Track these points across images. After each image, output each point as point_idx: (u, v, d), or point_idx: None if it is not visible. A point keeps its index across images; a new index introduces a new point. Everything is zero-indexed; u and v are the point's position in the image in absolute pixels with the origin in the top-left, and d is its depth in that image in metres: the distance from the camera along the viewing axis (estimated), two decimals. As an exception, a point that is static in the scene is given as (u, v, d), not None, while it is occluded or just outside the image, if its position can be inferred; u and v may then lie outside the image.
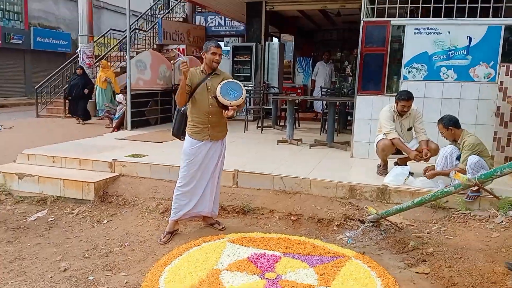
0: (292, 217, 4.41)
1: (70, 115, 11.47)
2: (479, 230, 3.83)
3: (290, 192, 4.74)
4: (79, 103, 10.96)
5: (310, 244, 3.85)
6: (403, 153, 4.90)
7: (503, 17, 5.49)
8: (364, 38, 5.86)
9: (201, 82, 3.85)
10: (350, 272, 3.32)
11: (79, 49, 12.50)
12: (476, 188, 3.95)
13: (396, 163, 5.16)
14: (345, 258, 3.57)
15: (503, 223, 3.85)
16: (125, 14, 8.76)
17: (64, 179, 5.05)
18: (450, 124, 4.27)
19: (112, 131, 8.61)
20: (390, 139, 4.77)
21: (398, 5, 5.75)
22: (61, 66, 13.72)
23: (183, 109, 4.03)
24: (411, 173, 4.80)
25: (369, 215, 4.15)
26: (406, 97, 4.76)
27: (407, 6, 5.89)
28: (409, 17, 5.77)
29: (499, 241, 3.59)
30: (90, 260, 3.62)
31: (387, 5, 5.78)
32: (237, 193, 4.83)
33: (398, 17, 5.78)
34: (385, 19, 5.80)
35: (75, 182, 5.00)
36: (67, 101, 11.65)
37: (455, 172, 3.21)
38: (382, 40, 5.81)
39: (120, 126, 8.76)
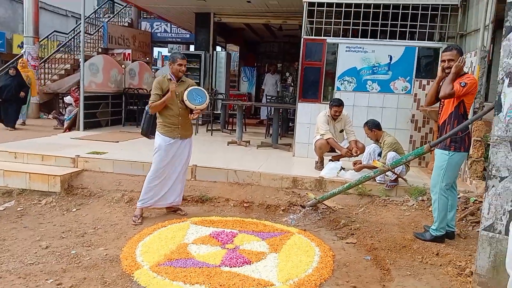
0: (245, 204, 5.11)
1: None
2: (395, 211, 4.78)
3: (243, 184, 5.44)
4: (10, 107, 9.73)
5: (261, 224, 4.58)
6: (336, 151, 5.81)
7: (417, 40, 6.63)
8: (304, 53, 6.75)
9: (169, 90, 4.37)
10: (294, 242, 4.08)
11: (24, 50, 12.37)
12: (394, 178, 4.94)
13: (330, 160, 6.05)
14: (290, 233, 4.33)
15: (414, 206, 4.84)
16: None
17: (30, 173, 5.37)
18: (373, 127, 5.23)
19: (64, 132, 8.81)
20: (326, 139, 5.65)
21: (332, 26, 6.71)
22: (3, 67, 13.42)
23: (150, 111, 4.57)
24: (342, 168, 5.73)
25: (309, 200, 4.97)
26: (337, 103, 5.67)
27: (340, 28, 6.88)
28: (342, 36, 6.74)
29: (410, 218, 4.55)
30: (68, 239, 4.06)
31: (323, 25, 6.71)
32: (196, 185, 5.45)
33: (332, 36, 6.74)
34: (322, 37, 6.74)
35: (41, 176, 5.34)
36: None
37: (373, 160, 4.10)
38: (319, 55, 6.75)
39: (71, 126, 8.98)
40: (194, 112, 4.47)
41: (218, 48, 15.83)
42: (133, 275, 3.33)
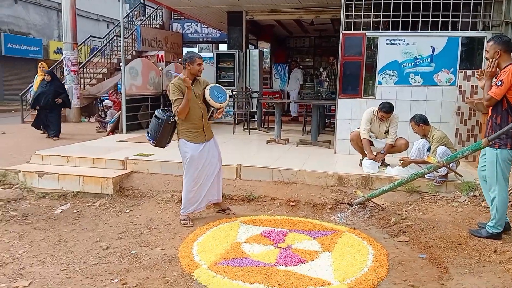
0: (291, 203, 5.15)
1: (35, 127, 9.64)
2: (447, 207, 4.70)
3: (287, 182, 5.48)
4: (50, 114, 9.25)
5: (310, 222, 4.61)
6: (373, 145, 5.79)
7: (460, 29, 6.46)
8: (343, 48, 6.70)
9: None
10: (346, 241, 4.09)
11: (63, 56, 12.82)
12: (444, 173, 4.85)
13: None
14: (340, 232, 4.35)
15: (465, 202, 4.74)
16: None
17: (83, 176, 5.59)
18: (420, 121, 5.14)
19: (108, 135, 9.10)
20: (361, 138, 5.63)
21: (372, 19, 6.63)
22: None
23: (172, 119, 4.39)
24: (387, 164, 5.67)
25: (356, 198, 4.96)
26: (387, 110, 5.49)
27: (380, 20, 6.78)
28: (382, 29, 6.64)
29: (463, 214, 4.46)
30: (126, 240, 4.22)
31: (362, 19, 6.64)
32: (241, 184, 5.53)
33: (372, 29, 6.65)
34: (361, 31, 6.67)
35: (94, 178, 5.56)
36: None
37: (427, 156, 4.05)
38: (359, 49, 6.67)
39: (114, 129, 9.26)
40: (219, 110, 4.45)
41: (250, 47, 15.94)
42: (193, 274, 3.43)
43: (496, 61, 3.75)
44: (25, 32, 21.90)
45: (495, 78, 3.76)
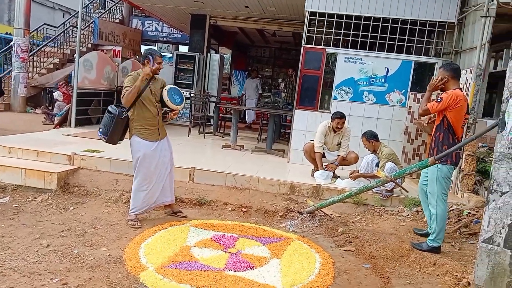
0: (243, 209, 5.15)
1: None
2: (391, 220, 4.90)
3: (241, 188, 5.49)
4: None
5: (260, 229, 4.63)
6: (326, 157, 5.96)
7: (414, 54, 6.80)
8: (303, 61, 6.86)
9: (145, 87, 4.27)
10: (295, 248, 4.15)
11: (13, 41, 12.15)
12: (390, 188, 5.06)
13: (325, 167, 6.14)
14: (289, 239, 4.40)
15: (409, 216, 4.97)
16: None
17: (26, 169, 5.29)
18: (371, 138, 5.35)
19: (54, 128, 8.69)
20: (315, 151, 5.79)
21: (332, 36, 6.83)
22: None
23: (124, 114, 4.29)
24: (337, 176, 5.84)
25: (307, 207, 5.05)
26: (339, 116, 5.76)
27: (340, 38, 7.01)
28: (341, 47, 6.86)
29: (406, 228, 4.67)
30: (68, 238, 4.03)
31: (324, 35, 6.83)
32: (194, 187, 5.47)
33: (332, 46, 6.86)
34: (321, 47, 6.86)
35: (37, 172, 5.27)
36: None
37: (377, 170, 4.21)
38: (318, 64, 6.86)
39: (62, 123, 8.86)
40: (174, 112, 4.40)
41: (211, 51, 15.89)
42: (138, 277, 3.33)
43: (443, 81, 4.02)
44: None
45: (427, 98, 4.06)
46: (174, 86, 4.50)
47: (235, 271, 3.55)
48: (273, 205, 5.21)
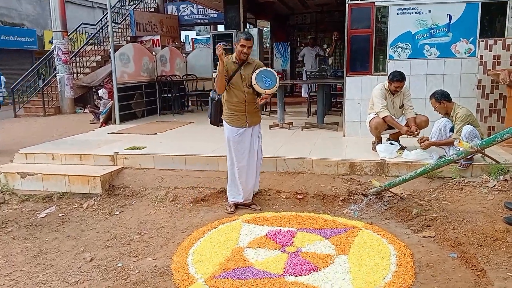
0: (298, 196, 4.62)
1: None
2: (475, 194, 4.15)
3: (293, 173, 4.94)
4: None
5: (321, 218, 4.08)
6: (394, 128, 5.17)
7: (480, -6, 5.78)
8: (350, 20, 6.06)
9: (235, 72, 4.05)
10: (363, 240, 3.57)
11: (54, 45, 12.23)
12: (470, 156, 4.28)
13: (388, 139, 5.43)
14: (355, 228, 3.82)
15: (495, 187, 4.18)
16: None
17: (69, 175, 5.08)
18: (442, 98, 4.55)
19: (100, 126, 8.58)
20: (382, 117, 5.02)
21: (380, -13, 5.97)
22: (35, 64, 13.41)
23: (217, 97, 4.27)
24: (404, 147, 5.11)
25: (371, 188, 4.42)
26: (400, 78, 4.97)
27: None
28: (392, -2, 5.98)
29: (495, 203, 3.91)
30: (113, 249, 3.73)
31: (369, -12, 5.99)
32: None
33: (381, -1, 6.01)
34: (369, 1, 6.01)
35: (80, 177, 5.05)
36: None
37: (459, 141, 3.48)
38: (367, 21, 6.04)
39: (108, 120, 8.73)
40: (262, 96, 4.09)
41: (249, 26, 15.21)
42: (187, 292, 2.94)
43: None
44: (18, 23, 21.25)
45: None
46: (267, 69, 4.14)
47: (296, 275, 3.05)
48: (332, 189, 4.63)
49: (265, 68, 4.10)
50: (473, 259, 3.12)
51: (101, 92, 10.33)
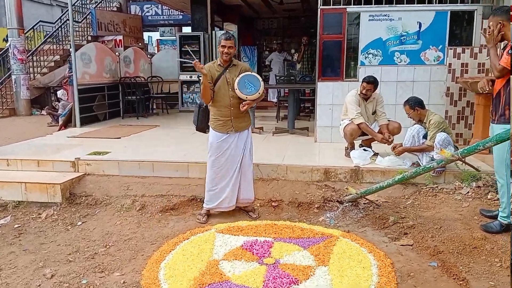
0: (273, 203, 4.48)
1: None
2: (449, 201, 4.16)
3: (267, 179, 4.81)
4: None
5: (297, 227, 3.95)
6: (368, 134, 5.15)
7: (449, 3, 5.88)
8: (322, 25, 6.02)
9: (220, 76, 3.88)
10: (342, 250, 3.47)
11: (9, 43, 11.52)
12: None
13: (361, 145, 5.40)
14: (333, 237, 3.72)
15: (469, 194, 4.21)
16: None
17: (25, 182, 4.71)
18: (416, 105, 4.56)
19: (60, 129, 8.10)
20: (357, 124, 4.98)
21: (352, -7, 5.97)
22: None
23: (204, 104, 4.10)
24: (376, 153, 5.09)
25: (346, 195, 4.35)
26: (369, 80, 4.97)
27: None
28: (364, 4, 5.99)
29: (470, 210, 3.92)
30: (76, 263, 3.44)
31: (342, -7, 5.98)
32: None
33: (353, 4, 6.00)
34: (341, 6, 6.01)
35: (38, 185, 4.69)
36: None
37: (440, 149, 3.46)
38: (339, 27, 6.01)
39: (67, 123, 8.27)
40: (244, 103, 3.88)
41: (216, 29, 14.99)
42: (160, 311, 2.72)
43: (499, 29, 3.27)
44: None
45: (495, 55, 3.29)
46: (251, 73, 3.92)
47: (277, 290, 2.90)
48: (307, 196, 4.52)
49: (249, 72, 3.93)
50: (454, 268, 3.08)
51: (60, 93, 9.81)
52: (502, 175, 3.35)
